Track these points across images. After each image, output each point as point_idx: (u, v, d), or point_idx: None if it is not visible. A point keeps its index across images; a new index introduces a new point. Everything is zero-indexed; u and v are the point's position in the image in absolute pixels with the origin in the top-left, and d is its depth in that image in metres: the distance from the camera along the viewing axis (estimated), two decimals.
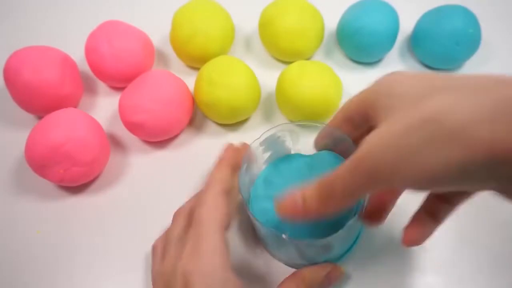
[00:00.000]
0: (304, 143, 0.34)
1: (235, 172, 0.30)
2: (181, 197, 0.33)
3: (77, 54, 0.44)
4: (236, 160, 0.30)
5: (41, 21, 0.52)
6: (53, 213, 0.37)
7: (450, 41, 0.41)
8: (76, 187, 0.38)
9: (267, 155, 0.34)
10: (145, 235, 0.34)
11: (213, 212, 0.26)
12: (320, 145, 0.32)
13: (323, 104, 0.37)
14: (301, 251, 0.30)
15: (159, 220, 0.32)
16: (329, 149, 0.32)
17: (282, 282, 0.29)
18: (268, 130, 0.32)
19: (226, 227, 0.27)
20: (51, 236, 0.36)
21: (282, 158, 0.34)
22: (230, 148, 0.31)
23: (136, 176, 0.39)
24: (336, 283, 0.31)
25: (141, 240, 0.35)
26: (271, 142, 0.33)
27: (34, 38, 0.49)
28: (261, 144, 0.32)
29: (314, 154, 0.33)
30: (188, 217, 0.29)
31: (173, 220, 0.30)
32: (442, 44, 0.41)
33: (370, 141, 0.21)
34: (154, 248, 0.30)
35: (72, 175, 0.35)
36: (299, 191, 0.24)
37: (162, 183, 0.38)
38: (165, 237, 0.29)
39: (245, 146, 0.32)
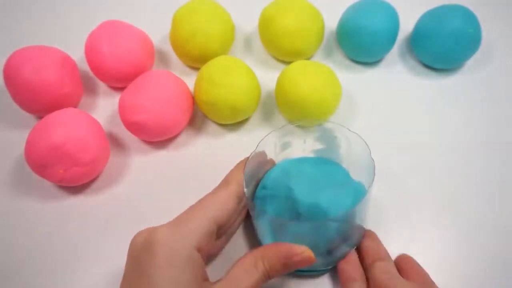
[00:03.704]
0: (303, 144, 0.34)
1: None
2: (181, 197, 0.33)
3: (77, 54, 0.44)
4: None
5: (41, 21, 0.52)
6: (53, 213, 0.37)
7: (450, 41, 0.41)
8: (76, 187, 0.38)
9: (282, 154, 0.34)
10: None
11: (213, 205, 0.28)
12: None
13: (322, 104, 0.37)
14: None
15: (159, 220, 0.32)
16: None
17: (244, 256, 0.27)
18: (269, 133, 0.32)
19: (220, 223, 0.28)
20: (51, 236, 0.36)
21: (291, 160, 0.35)
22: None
23: (136, 176, 0.39)
24: (300, 266, 0.27)
25: None
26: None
27: (34, 38, 0.49)
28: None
29: (312, 157, 0.34)
30: None
31: None
32: (442, 44, 0.41)
33: None
34: None
35: (72, 175, 0.35)
36: None
37: (162, 183, 0.38)
38: None
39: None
